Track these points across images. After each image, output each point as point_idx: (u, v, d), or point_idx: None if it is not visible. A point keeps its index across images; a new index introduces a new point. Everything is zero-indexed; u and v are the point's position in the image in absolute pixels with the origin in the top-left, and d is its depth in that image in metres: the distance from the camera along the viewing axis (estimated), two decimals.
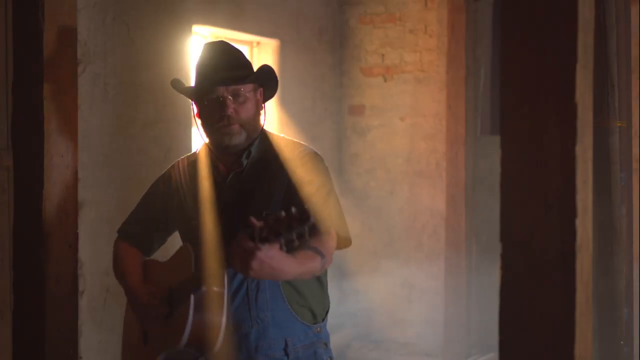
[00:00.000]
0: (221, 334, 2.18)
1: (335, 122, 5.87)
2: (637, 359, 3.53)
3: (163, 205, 2.51)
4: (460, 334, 5.36)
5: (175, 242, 2.67)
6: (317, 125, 5.65)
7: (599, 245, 2.95)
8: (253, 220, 1.96)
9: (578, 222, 1.42)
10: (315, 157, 2.38)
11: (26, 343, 2.58)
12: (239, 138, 2.33)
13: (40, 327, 2.53)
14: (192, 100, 2.43)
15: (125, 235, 2.60)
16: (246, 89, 2.32)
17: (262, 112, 2.42)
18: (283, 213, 1.91)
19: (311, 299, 2.38)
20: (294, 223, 1.90)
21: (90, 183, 3.82)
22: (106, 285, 3.88)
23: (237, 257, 2.01)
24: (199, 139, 3.15)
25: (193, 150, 2.61)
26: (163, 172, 2.58)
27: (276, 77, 2.45)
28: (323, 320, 2.43)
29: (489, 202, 5.60)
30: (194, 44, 4.58)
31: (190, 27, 4.43)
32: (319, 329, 2.40)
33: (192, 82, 4.06)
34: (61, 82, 2.58)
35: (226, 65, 2.33)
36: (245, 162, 2.37)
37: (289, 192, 2.30)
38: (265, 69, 2.39)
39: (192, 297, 2.21)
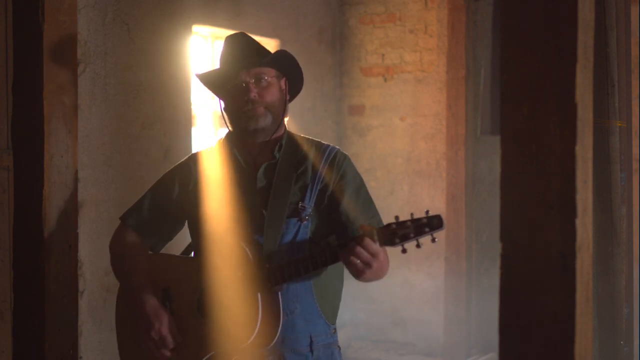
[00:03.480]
0: (279, 328, 2.22)
1: (335, 122, 5.87)
2: (637, 359, 3.53)
3: (179, 197, 2.45)
4: (460, 334, 5.37)
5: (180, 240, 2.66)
6: (317, 125, 5.66)
7: (599, 245, 2.94)
8: (369, 227, 2.07)
9: (578, 222, 1.42)
10: (346, 156, 2.41)
11: (26, 343, 2.58)
12: (265, 121, 2.34)
13: (40, 327, 2.53)
14: (216, 95, 2.46)
15: (132, 224, 2.49)
16: (268, 74, 2.35)
17: (286, 103, 2.42)
18: (412, 217, 2.04)
19: (334, 295, 2.39)
20: (425, 228, 2.03)
21: (90, 183, 3.82)
22: (106, 285, 3.88)
23: (359, 257, 2.08)
24: (199, 139, 3.15)
25: (193, 150, 2.60)
26: (174, 166, 2.53)
27: (298, 64, 2.44)
28: (335, 322, 2.43)
29: (489, 202, 5.60)
30: (194, 44, 4.58)
31: (190, 26, 4.43)
32: (334, 330, 2.40)
33: (191, 84, 4.06)
34: (61, 82, 2.58)
35: (246, 51, 2.35)
36: (277, 154, 2.38)
37: (324, 192, 2.33)
38: (282, 52, 2.41)
39: (259, 295, 2.21)
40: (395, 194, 5.73)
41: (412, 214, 2.09)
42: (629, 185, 3.13)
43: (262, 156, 2.39)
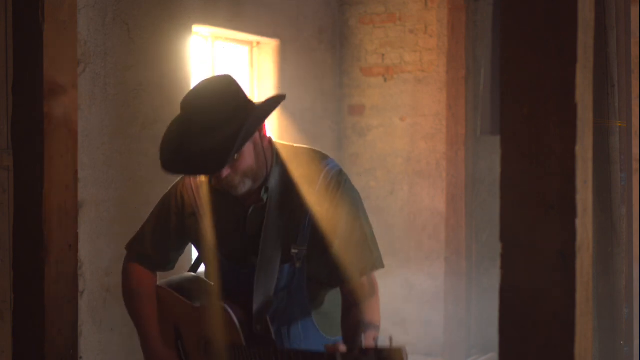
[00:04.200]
0: None
1: (335, 122, 5.87)
2: (637, 359, 3.53)
3: (178, 224, 2.36)
4: (460, 334, 5.37)
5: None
6: (317, 125, 5.65)
7: (599, 245, 2.94)
8: (334, 348, 1.93)
9: (578, 222, 1.42)
10: (341, 183, 2.21)
11: (26, 343, 2.57)
12: (244, 187, 2.15)
13: (40, 327, 2.52)
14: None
15: (138, 257, 2.44)
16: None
17: (265, 137, 2.21)
18: (374, 346, 1.90)
19: (339, 316, 2.30)
20: None
21: (90, 183, 3.82)
22: (106, 285, 3.88)
23: None
24: None
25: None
26: (170, 188, 2.43)
27: (275, 103, 2.22)
28: None
29: (489, 202, 5.60)
30: (194, 44, 4.58)
31: (190, 27, 4.43)
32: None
33: (191, 84, 4.03)
34: (61, 82, 2.57)
35: (205, 151, 2.05)
36: (265, 196, 2.21)
37: (317, 230, 2.19)
38: (250, 124, 2.09)
39: None
40: (395, 194, 5.73)
41: (376, 342, 1.98)
42: (629, 185, 3.13)
43: (251, 198, 2.23)
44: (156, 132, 4.15)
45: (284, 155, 2.27)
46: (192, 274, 2.48)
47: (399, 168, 5.73)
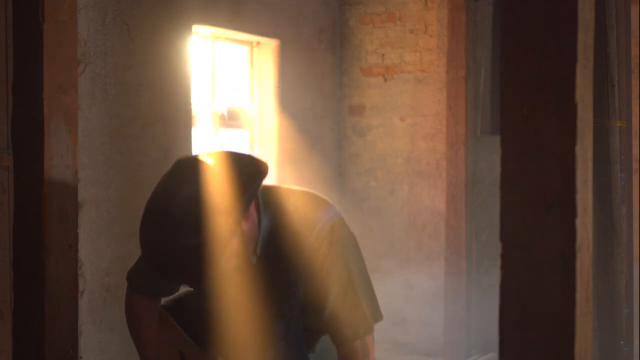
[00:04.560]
0: None
1: (335, 122, 5.87)
2: (637, 359, 3.53)
3: None
4: (460, 334, 5.37)
5: None
6: (317, 125, 5.65)
7: (599, 245, 2.94)
8: None
9: (578, 222, 1.42)
10: (330, 241, 2.12)
11: (26, 343, 2.57)
12: (231, 263, 2.08)
13: (40, 327, 2.52)
14: None
15: (138, 289, 2.43)
16: None
17: (250, 214, 2.11)
18: None
19: (334, 349, 2.27)
20: None
21: (90, 183, 3.82)
22: (106, 285, 3.88)
23: None
24: (199, 139, 3.05)
25: (193, 151, 2.52)
26: None
27: (255, 186, 2.05)
28: None
29: (489, 202, 5.60)
30: (194, 44, 4.58)
31: (190, 26, 4.43)
32: None
33: (191, 84, 4.02)
34: (61, 82, 2.57)
35: (187, 255, 1.98)
36: (254, 259, 2.16)
37: (308, 292, 2.14)
38: (235, 216, 1.99)
39: None
40: (395, 194, 5.73)
41: None
42: (629, 185, 3.14)
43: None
44: (156, 132, 4.15)
45: (276, 208, 2.17)
46: (192, 289, 2.47)
47: (399, 168, 5.73)
